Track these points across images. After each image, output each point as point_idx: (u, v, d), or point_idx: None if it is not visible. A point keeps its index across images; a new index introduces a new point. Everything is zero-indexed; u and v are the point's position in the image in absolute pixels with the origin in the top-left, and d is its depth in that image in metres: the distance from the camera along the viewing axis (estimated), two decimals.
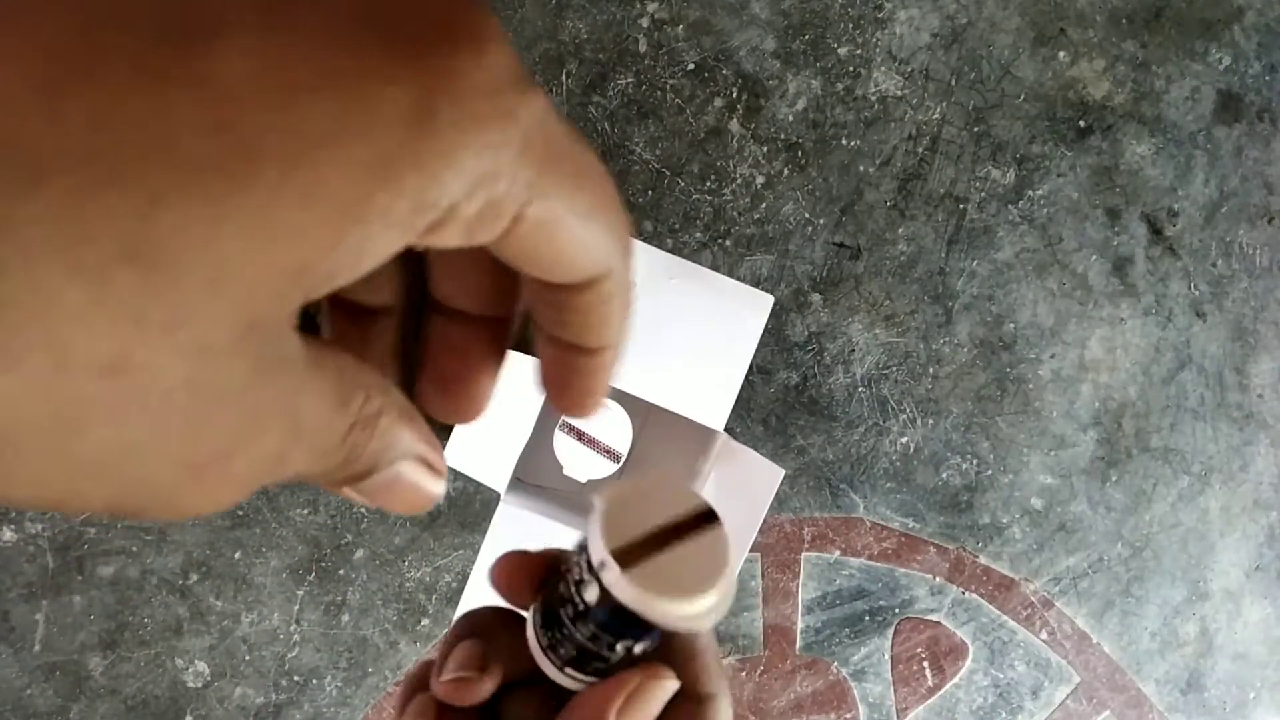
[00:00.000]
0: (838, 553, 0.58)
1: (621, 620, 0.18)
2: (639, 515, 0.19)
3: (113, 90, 0.09)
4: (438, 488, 0.17)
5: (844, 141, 0.58)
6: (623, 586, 0.18)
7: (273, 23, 0.10)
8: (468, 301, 0.18)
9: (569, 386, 0.18)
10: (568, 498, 0.53)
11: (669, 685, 0.20)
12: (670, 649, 0.21)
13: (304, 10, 0.10)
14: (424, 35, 0.11)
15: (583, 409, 0.18)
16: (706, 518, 0.19)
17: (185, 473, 0.11)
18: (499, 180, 0.12)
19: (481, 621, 0.22)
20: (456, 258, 0.16)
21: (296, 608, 0.56)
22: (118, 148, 0.09)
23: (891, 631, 0.58)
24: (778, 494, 0.57)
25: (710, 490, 0.54)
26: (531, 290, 0.16)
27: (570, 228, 0.14)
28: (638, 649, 0.20)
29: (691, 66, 0.57)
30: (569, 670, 0.20)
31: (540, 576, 0.21)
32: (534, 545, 0.22)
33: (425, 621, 0.57)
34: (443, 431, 0.51)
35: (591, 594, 0.19)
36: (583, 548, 0.19)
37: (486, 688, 0.20)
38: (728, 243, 0.57)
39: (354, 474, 0.15)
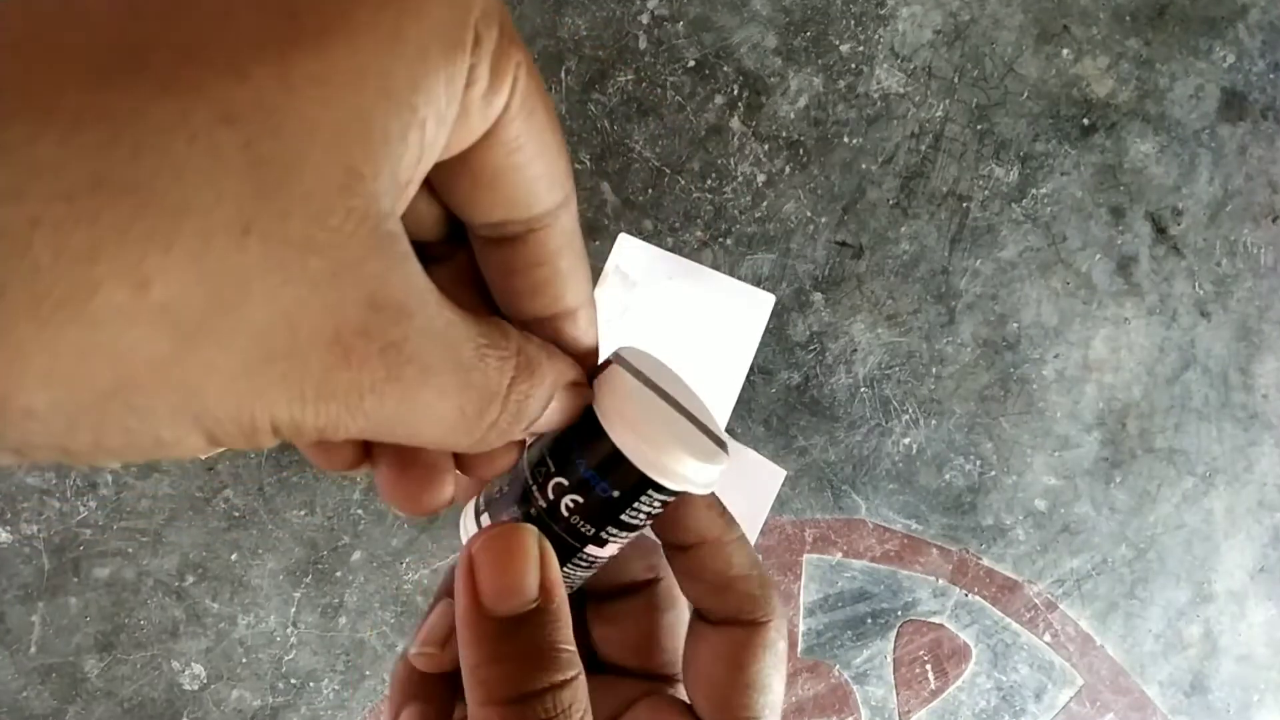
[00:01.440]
0: (839, 555, 0.58)
1: (579, 430, 0.18)
2: (651, 376, 0.19)
3: None
4: (587, 397, 0.18)
5: (846, 139, 0.58)
6: (608, 395, 0.18)
7: None
8: None
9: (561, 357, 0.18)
10: None
11: (528, 532, 0.18)
12: (700, 569, 0.21)
13: None
14: None
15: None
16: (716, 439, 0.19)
17: (337, 354, 0.12)
18: (497, 26, 0.13)
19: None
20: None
21: (293, 610, 0.56)
22: (192, 30, 0.10)
23: (894, 634, 0.58)
24: (779, 495, 0.56)
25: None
26: (494, 267, 0.17)
27: (542, 127, 0.14)
28: (566, 500, 0.18)
29: (692, 63, 0.57)
30: (483, 519, 0.19)
31: None
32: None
33: None
34: None
35: (577, 436, 0.18)
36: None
37: (449, 659, 0.20)
38: (728, 241, 0.57)
39: (529, 418, 0.15)
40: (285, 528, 0.56)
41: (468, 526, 0.19)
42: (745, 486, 0.55)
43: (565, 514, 0.18)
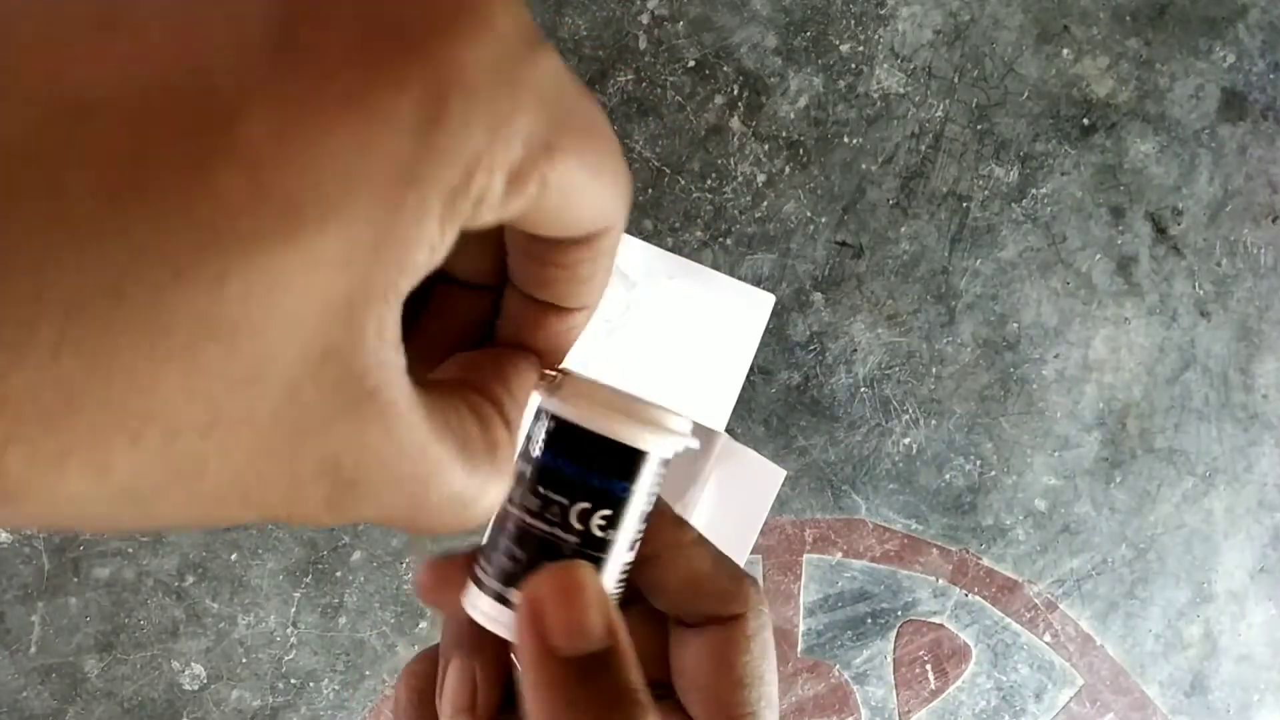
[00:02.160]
0: (839, 555, 0.58)
1: (572, 454, 0.18)
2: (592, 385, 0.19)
3: (169, 189, 0.10)
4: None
5: (846, 139, 0.58)
6: (574, 395, 0.18)
7: (285, 69, 0.11)
8: (475, 276, 0.18)
9: (533, 345, 0.18)
10: None
11: (586, 569, 0.18)
12: (666, 578, 0.20)
13: (313, 43, 0.11)
14: (428, 29, 0.11)
15: (549, 365, 0.18)
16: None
17: (290, 492, 0.12)
18: (514, 148, 0.12)
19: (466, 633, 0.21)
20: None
21: (293, 610, 0.56)
22: (181, 242, 0.10)
23: (894, 634, 0.58)
24: (779, 495, 0.56)
25: (711, 492, 0.54)
26: (518, 245, 0.17)
27: (583, 184, 0.14)
28: (596, 518, 0.18)
29: (692, 63, 0.57)
30: (510, 594, 0.18)
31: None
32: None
33: (423, 624, 0.57)
34: None
35: (538, 436, 0.18)
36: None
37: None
38: (728, 241, 0.57)
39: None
40: (285, 528, 0.56)
41: (481, 607, 0.18)
42: (745, 487, 0.55)
43: (600, 534, 0.18)
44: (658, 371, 0.54)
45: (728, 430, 0.56)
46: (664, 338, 0.55)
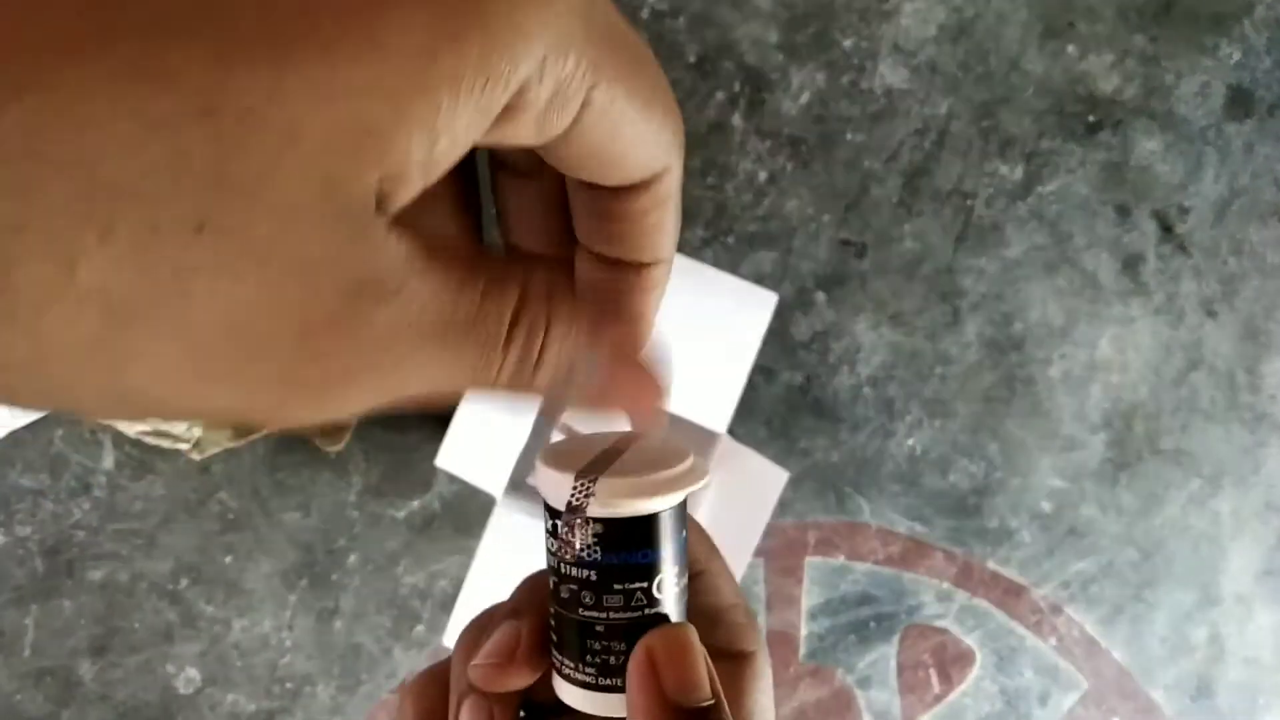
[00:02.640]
0: (842, 557, 0.58)
1: (612, 543, 0.17)
2: (578, 455, 0.19)
3: None
4: (660, 395, 0.17)
5: (849, 136, 0.57)
6: (599, 497, 0.17)
7: None
8: (534, 244, 0.17)
9: (617, 311, 0.17)
10: None
11: (687, 629, 0.18)
12: (693, 609, 0.20)
13: None
14: None
15: (634, 337, 0.17)
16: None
17: (299, 347, 0.11)
18: (567, 56, 0.12)
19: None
20: (519, 197, 0.16)
21: (288, 613, 0.56)
22: (181, 11, 0.09)
23: (897, 638, 0.58)
24: (781, 497, 0.56)
25: (712, 494, 0.54)
26: (581, 203, 0.16)
27: (633, 119, 0.13)
28: (641, 587, 0.18)
29: (693, 59, 0.56)
30: (602, 683, 0.18)
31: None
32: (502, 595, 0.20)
33: (419, 628, 0.56)
34: (437, 431, 0.50)
35: (576, 541, 0.18)
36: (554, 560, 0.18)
37: (522, 676, 0.19)
38: (730, 240, 0.57)
39: (552, 374, 0.14)
40: (280, 530, 0.56)
41: (570, 695, 0.19)
42: (747, 489, 0.54)
43: (658, 594, 0.18)
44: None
45: (729, 431, 0.55)
46: (664, 338, 0.54)
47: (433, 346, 0.12)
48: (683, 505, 0.18)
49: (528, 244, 0.18)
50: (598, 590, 0.18)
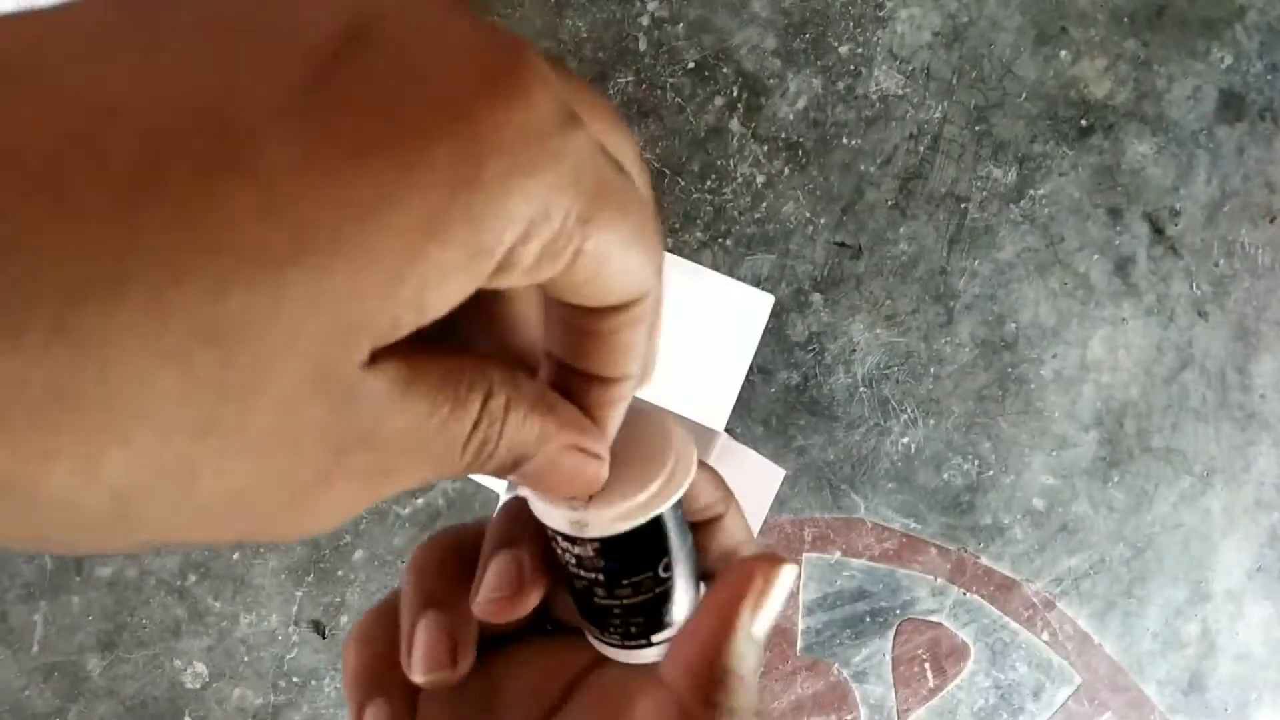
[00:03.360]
0: (838, 554, 0.58)
1: (612, 554, 0.18)
2: None
3: (178, 196, 0.10)
4: (599, 470, 0.17)
5: (845, 140, 0.58)
6: (600, 520, 0.18)
7: (313, 103, 0.11)
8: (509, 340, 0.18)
9: (577, 422, 0.17)
10: None
11: (795, 570, 0.19)
12: (710, 551, 0.21)
13: (346, 85, 0.11)
14: (466, 90, 0.11)
15: (587, 447, 0.18)
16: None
17: (289, 503, 0.13)
18: (552, 221, 0.12)
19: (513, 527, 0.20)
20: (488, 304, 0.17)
21: (295, 609, 0.56)
22: (186, 246, 0.10)
23: (893, 633, 0.58)
24: (778, 495, 0.56)
25: None
26: (553, 315, 0.16)
27: (618, 257, 0.14)
28: (648, 576, 0.19)
29: (692, 65, 0.57)
30: (627, 644, 0.19)
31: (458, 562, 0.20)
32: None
33: None
34: None
35: (578, 556, 0.19)
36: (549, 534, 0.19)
37: (462, 670, 0.20)
38: (728, 242, 0.57)
39: (499, 467, 0.15)
40: None
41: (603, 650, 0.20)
42: (744, 486, 0.55)
43: (665, 574, 0.19)
44: (658, 371, 0.54)
45: (727, 430, 0.56)
46: (664, 338, 0.55)
47: (404, 460, 0.14)
48: (678, 503, 0.19)
49: (491, 346, 0.18)
50: (608, 586, 0.19)
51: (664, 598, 0.19)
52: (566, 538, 0.18)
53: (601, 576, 0.19)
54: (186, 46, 0.11)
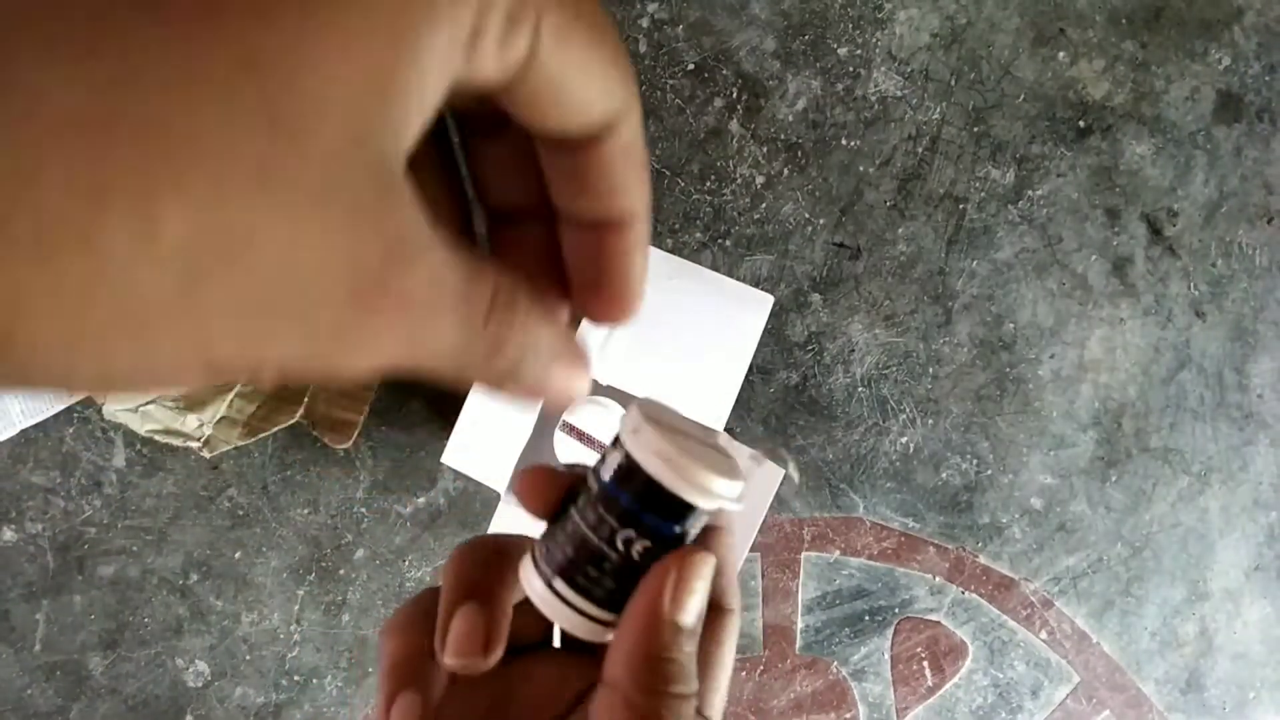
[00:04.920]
0: (837, 553, 0.58)
1: (632, 492, 0.19)
2: (669, 420, 0.20)
3: None
4: (583, 384, 0.17)
5: (844, 142, 0.58)
6: (649, 445, 0.19)
7: None
8: (562, 200, 0.18)
9: (605, 279, 0.18)
10: None
11: (710, 559, 0.20)
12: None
13: None
14: None
15: (624, 303, 0.18)
16: (720, 446, 0.21)
17: (340, 308, 0.12)
18: None
19: (480, 566, 0.21)
20: (492, 159, 0.17)
21: (297, 607, 0.56)
22: None
23: (891, 631, 0.58)
24: (777, 494, 0.56)
25: None
26: (553, 166, 0.17)
27: (583, 51, 0.14)
28: (637, 546, 0.20)
29: (691, 67, 0.57)
30: (556, 583, 0.20)
31: (563, 491, 0.21)
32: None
33: None
34: (443, 429, 0.51)
35: (611, 464, 0.19)
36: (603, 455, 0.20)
37: (492, 660, 0.20)
38: (727, 243, 0.57)
39: (499, 371, 0.15)
40: (289, 526, 0.56)
41: (534, 586, 0.21)
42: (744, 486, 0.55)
43: (636, 559, 0.20)
44: (657, 372, 0.54)
45: (727, 429, 0.56)
46: (663, 338, 0.55)
47: (436, 315, 0.13)
48: (695, 514, 0.20)
49: (505, 202, 0.18)
50: (590, 501, 0.20)
51: (638, 575, 0.20)
52: (617, 445, 0.19)
53: (624, 509, 0.19)
54: None
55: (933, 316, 0.58)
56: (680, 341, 0.55)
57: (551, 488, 0.21)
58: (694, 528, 0.20)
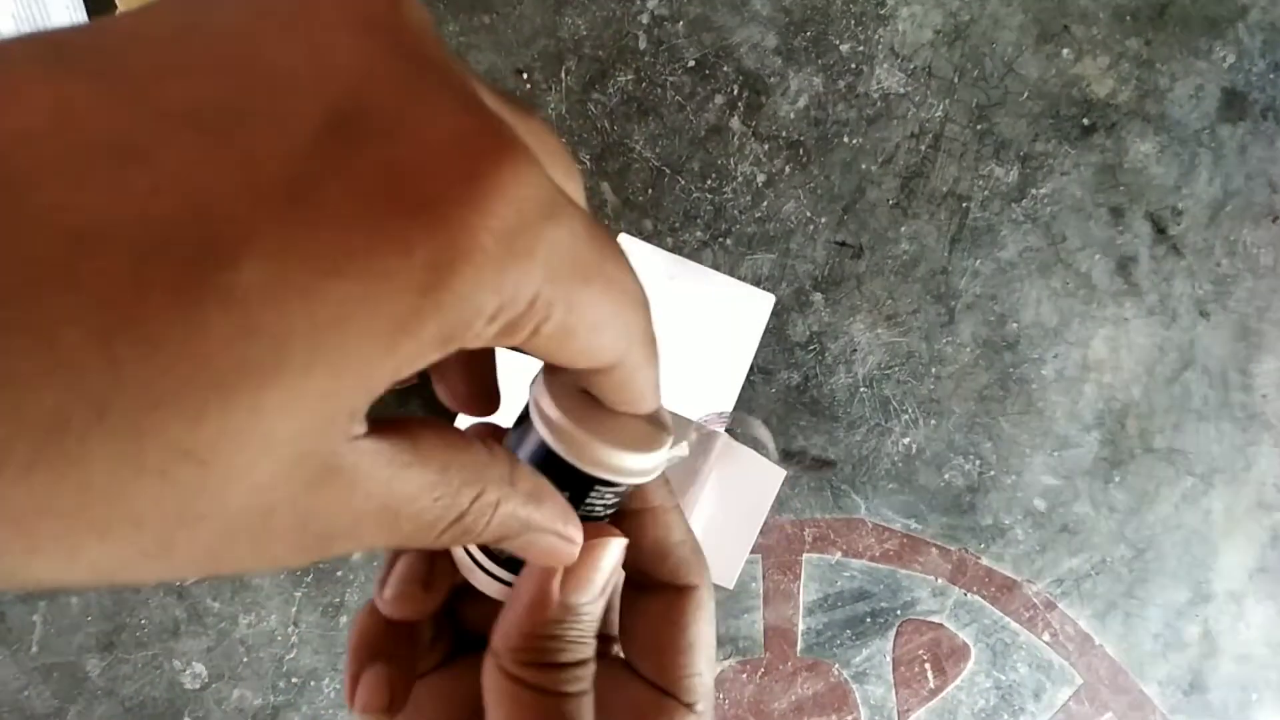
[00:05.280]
0: (839, 554, 0.58)
1: (534, 462, 0.19)
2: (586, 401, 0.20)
3: (156, 327, 0.10)
4: (572, 552, 0.18)
5: (846, 139, 0.58)
6: (547, 414, 0.18)
7: (292, 218, 0.11)
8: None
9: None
10: None
11: (614, 544, 0.20)
12: (641, 536, 0.21)
13: (325, 194, 0.11)
14: (446, 192, 0.12)
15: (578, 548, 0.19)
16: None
17: (258, 560, 0.13)
18: (520, 305, 0.13)
19: None
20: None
21: (294, 609, 0.56)
22: (163, 374, 0.10)
23: (893, 633, 0.58)
24: (778, 495, 0.56)
25: (711, 491, 0.54)
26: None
27: (585, 334, 0.14)
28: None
29: (692, 63, 0.57)
30: (475, 554, 0.20)
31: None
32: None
33: None
34: None
35: (516, 431, 0.19)
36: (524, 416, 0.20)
37: (431, 602, 0.21)
38: (728, 241, 0.57)
39: (480, 542, 0.16)
40: None
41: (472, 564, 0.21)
42: (745, 486, 0.55)
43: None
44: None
45: (728, 430, 0.56)
46: (663, 338, 0.55)
47: (372, 532, 0.14)
48: (597, 482, 0.19)
49: (461, 408, 0.19)
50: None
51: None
52: (526, 418, 0.19)
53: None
54: (165, 150, 0.11)
55: (935, 316, 0.58)
56: (681, 341, 0.55)
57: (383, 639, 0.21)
58: (604, 502, 0.20)
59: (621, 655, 0.23)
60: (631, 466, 0.19)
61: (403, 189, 0.11)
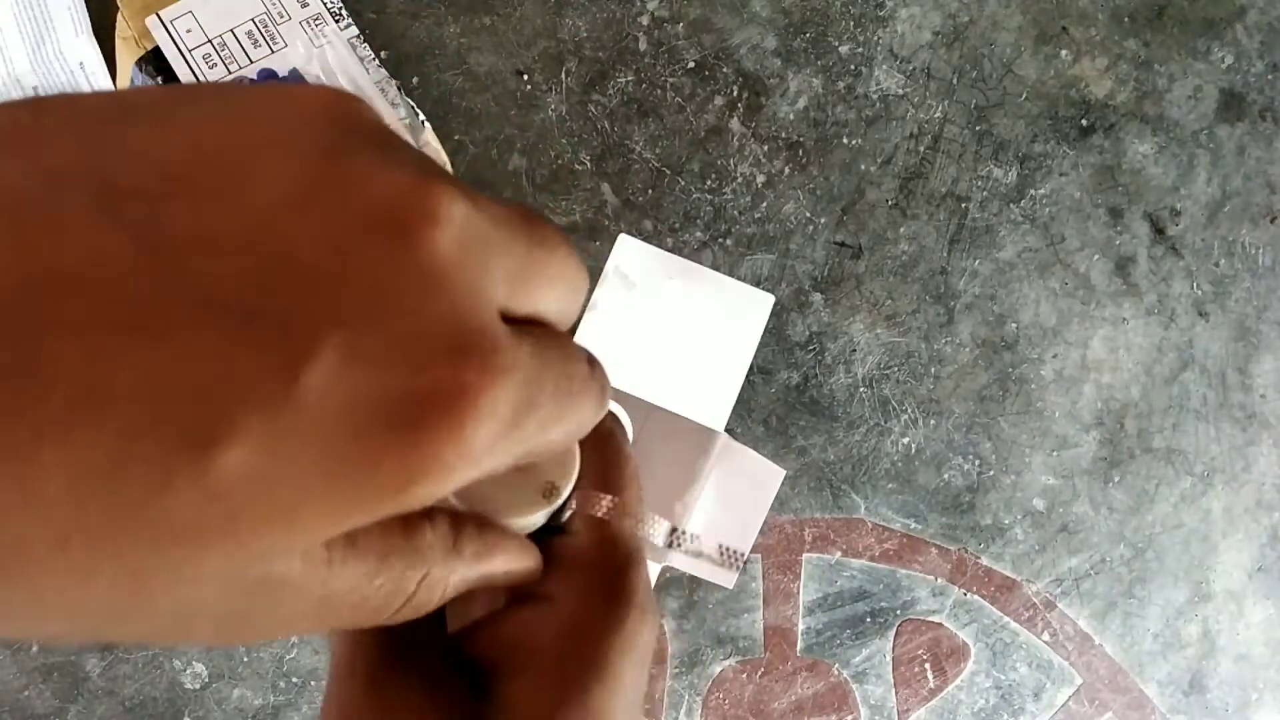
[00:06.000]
0: (839, 554, 0.58)
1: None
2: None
3: (133, 491, 0.11)
4: (533, 578, 0.19)
5: (845, 140, 0.58)
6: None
7: (276, 429, 0.11)
8: None
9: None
10: None
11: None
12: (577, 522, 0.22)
13: (311, 412, 0.11)
14: (417, 418, 0.12)
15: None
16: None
17: (186, 639, 0.14)
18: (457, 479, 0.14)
19: None
20: None
21: None
22: (122, 536, 0.11)
23: (893, 633, 0.58)
24: (778, 495, 0.56)
25: (710, 491, 0.54)
26: None
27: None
28: None
29: (692, 65, 0.57)
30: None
31: None
32: None
33: None
34: None
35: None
36: None
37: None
38: (728, 242, 0.57)
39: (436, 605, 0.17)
40: None
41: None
42: (744, 486, 0.55)
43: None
44: (657, 372, 0.54)
45: (727, 430, 0.56)
46: (663, 338, 0.55)
47: (308, 622, 0.15)
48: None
49: None
50: None
51: None
52: None
53: None
54: (184, 332, 0.11)
55: (935, 316, 0.58)
56: (680, 341, 0.55)
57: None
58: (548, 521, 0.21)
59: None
60: (521, 525, 0.20)
61: (388, 406, 0.12)
